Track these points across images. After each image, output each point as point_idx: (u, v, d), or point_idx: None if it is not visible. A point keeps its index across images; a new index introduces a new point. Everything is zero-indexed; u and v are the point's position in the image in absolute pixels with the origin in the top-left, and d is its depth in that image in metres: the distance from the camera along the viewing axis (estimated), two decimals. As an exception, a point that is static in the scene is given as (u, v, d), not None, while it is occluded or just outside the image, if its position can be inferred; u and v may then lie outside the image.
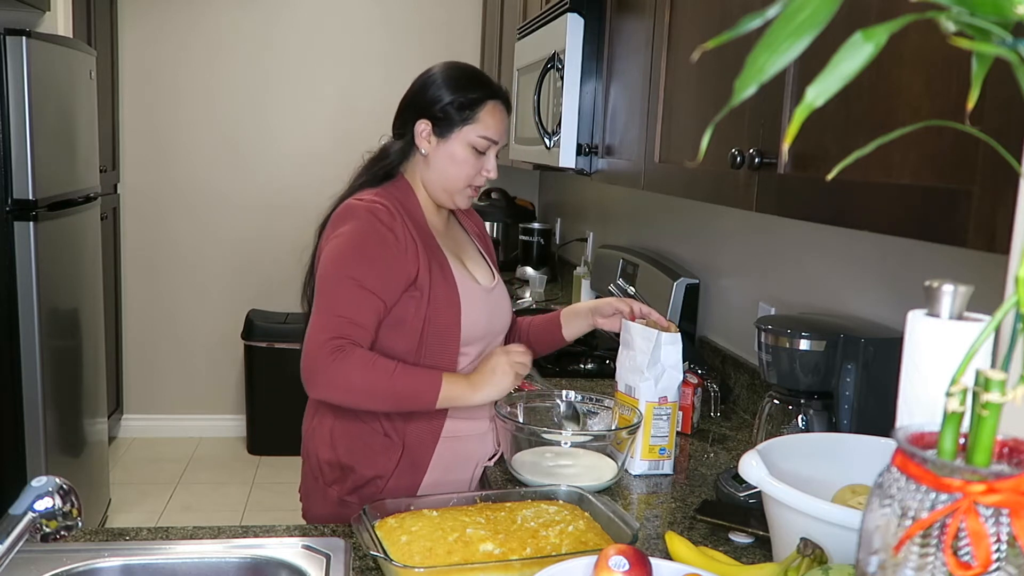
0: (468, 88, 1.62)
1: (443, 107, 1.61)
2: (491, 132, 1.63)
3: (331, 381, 1.48)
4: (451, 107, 1.61)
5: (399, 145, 1.66)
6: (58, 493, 1.02)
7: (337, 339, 1.48)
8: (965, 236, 0.86)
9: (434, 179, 1.65)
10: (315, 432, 1.66)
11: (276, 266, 4.50)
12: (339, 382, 1.47)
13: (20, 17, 3.21)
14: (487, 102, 1.62)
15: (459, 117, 1.61)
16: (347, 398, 1.51)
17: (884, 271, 1.61)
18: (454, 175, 1.63)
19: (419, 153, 1.65)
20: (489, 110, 1.62)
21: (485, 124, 1.62)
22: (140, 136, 4.37)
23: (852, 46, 0.54)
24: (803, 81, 1.12)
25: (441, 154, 1.63)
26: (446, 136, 1.62)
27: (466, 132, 1.61)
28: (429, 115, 1.62)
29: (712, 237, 2.40)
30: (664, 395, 1.61)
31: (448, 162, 1.62)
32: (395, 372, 1.50)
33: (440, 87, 1.62)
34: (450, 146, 1.62)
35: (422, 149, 1.64)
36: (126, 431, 4.52)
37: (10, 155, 2.68)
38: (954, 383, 0.61)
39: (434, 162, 1.63)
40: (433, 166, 1.64)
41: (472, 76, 1.66)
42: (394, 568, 1.12)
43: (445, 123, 1.61)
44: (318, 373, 1.48)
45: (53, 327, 2.87)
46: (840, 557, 0.99)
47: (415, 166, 1.67)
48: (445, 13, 4.47)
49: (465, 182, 1.64)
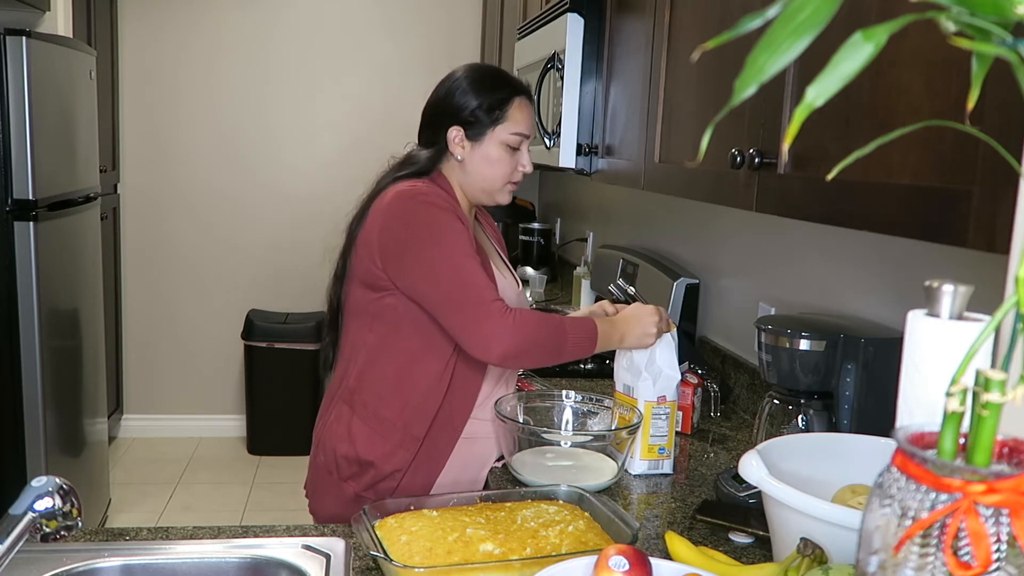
0: (494, 89, 1.63)
1: (473, 111, 1.62)
2: (522, 128, 1.65)
3: (513, 342, 1.48)
4: (480, 110, 1.62)
5: (429, 153, 1.66)
6: (58, 493, 1.02)
7: (493, 302, 1.50)
8: (965, 236, 0.86)
9: (473, 182, 1.66)
10: (332, 427, 1.66)
11: (276, 266, 4.50)
12: (522, 340, 1.49)
13: (20, 17, 3.21)
14: (514, 99, 1.64)
15: (489, 119, 1.62)
16: (529, 356, 1.53)
17: (884, 271, 1.61)
18: (492, 175, 1.65)
19: (453, 159, 1.65)
20: (517, 106, 1.64)
21: (515, 121, 1.64)
22: (140, 136, 4.37)
23: (852, 46, 0.54)
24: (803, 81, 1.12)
25: (477, 157, 1.64)
26: (479, 139, 1.63)
27: (498, 132, 1.63)
28: (460, 121, 1.63)
29: (712, 237, 2.40)
30: (663, 395, 1.61)
31: (485, 164, 1.64)
32: (562, 322, 1.55)
33: (466, 92, 1.63)
34: (484, 148, 1.63)
35: (456, 155, 1.65)
36: (126, 431, 4.52)
37: (10, 155, 2.68)
38: (954, 383, 0.61)
39: (471, 166, 1.65)
40: (470, 170, 1.65)
41: (496, 76, 1.68)
42: (394, 568, 1.12)
43: (477, 126, 1.63)
44: (496, 338, 1.48)
45: (53, 327, 2.87)
46: (840, 557, 0.99)
47: (451, 170, 1.67)
48: (445, 13, 4.47)
49: (504, 180, 1.66)
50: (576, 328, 1.56)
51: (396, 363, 1.61)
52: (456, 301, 1.51)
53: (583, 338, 1.55)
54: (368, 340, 1.63)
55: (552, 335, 1.53)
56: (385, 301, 1.59)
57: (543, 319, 1.53)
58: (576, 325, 1.56)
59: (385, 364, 1.62)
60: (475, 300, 1.50)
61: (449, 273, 1.52)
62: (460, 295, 1.51)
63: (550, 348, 1.53)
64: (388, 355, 1.61)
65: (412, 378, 1.60)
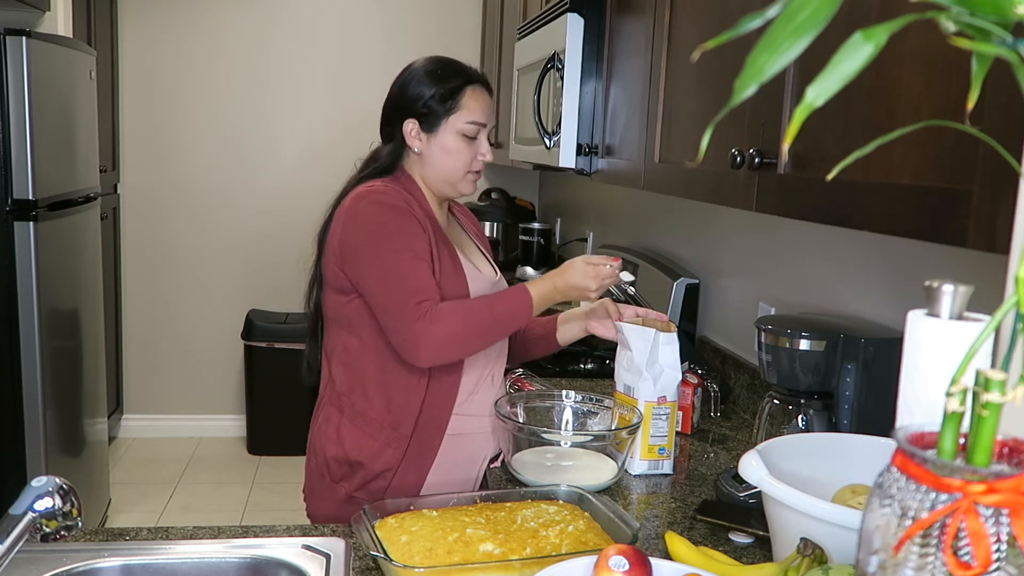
0: (445, 78, 1.63)
1: (426, 102, 1.62)
2: (477, 116, 1.64)
3: (436, 341, 1.49)
4: (433, 101, 1.62)
5: (389, 148, 1.67)
6: (58, 493, 1.02)
7: (418, 304, 1.50)
8: (965, 236, 0.86)
9: (433, 174, 1.66)
10: (322, 430, 1.67)
11: (276, 266, 4.50)
12: (441, 339, 1.49)
13: (20, 17, 3.21)
14: (466, 88, 1.63)
15: (442, 109, 1.62)
16: (457, 349, 1.54)
17: (884, 271, 1.61)
18: (451, 166, 1.64)
19: (412, 152, 1.66)
20: (470, 95, 1.63)
21: (469, 110, 1.63)
22: (140, 136, 4.37)
23: (852, 46, 0.54)
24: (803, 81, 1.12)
25: (434, 148, 1.64)
26: (434, 130, 1.63)
27: (452, 122, 1.62)
28: (413, 113, 1.63)
29: (712, 237, 2.40)
30: (663, 395, 1.61)
31: (442, 155, 1.64)
32: (487, 303, 1.55)
33: (419, 83, 1.63)
34: (440, 139, 1.63)
35: (414, 148, 1.65)
36: (126, 431, 4.52)
37: (10, 155, 2.68)
38: (954, 383, 0.61)
39: (429, 158, 1.65)
40: (429, 162, 1.65)
41: (446, 65, 1.66)
42: (394, 568, 1.12)
43: (431, 118, 1.63)
44: (420, 341, 1.49)
45: (53, 327, 2.87)
46: (840, 557, 0.99)
47: (412, 164, 1.68)
48: (445, 13, 4.47)
49: (463, 170, 1.65)
50: (505, 301, 1.56)
51: (376, 363, 1.61)
52: (386, 306, 1.53)
53: (515, 305, 1.56)
54: (348, 343, 1.64)
55: (479, 320, 1.53)
56: (355, 304, 1.60)
57: (464, 308, 1.53)
58: (504, 296, 1.57)
59: (367, 365, 1.62)
60: (398, 305, 1.51)
61: (385, 275, 1.53)
62: (389, 300, 1.52)
63: (479, 332, 1.54)
64: (369, 356, 1.62)
65: (392, 377, 1.61)
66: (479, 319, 1.53)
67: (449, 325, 1.50)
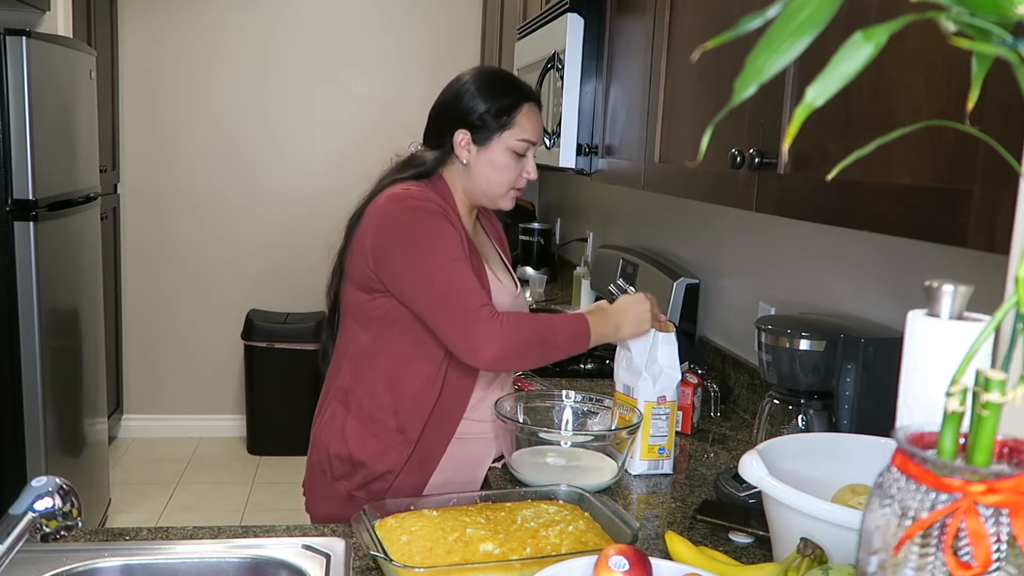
0: (503, 94, 1.63)
1: (480, 115, 1.62)
2: (529, 134, 1.64)
3: (503, 346, 1.49)
4: (488, 115, 1.61)
5: (435, 154, 1.66)
6: (58, 493, 1.02)
7: (481, 306, 1.50)
8: (965, 236, 0.86)
9: (477, 186, 1.66)
10: (326, 425, 1.67)
11: (276, 266, 4.50)
12: (511, 344, 1.49)
13: (20, 17, 3.21)
14: (523, 105, 1.63)
15: (497, 124, 1.62)
16: (519, 359, 1.54)
17: (884, 271, 1.61)
18: (497, 180, 1.64)
19: (459, 162, 1.65)
20: (525, 113, 1.64)
21: (523, 127, 1.63)
22: (140, 136, 4.37)
23: (852, 46, 0.54)
24: (803, 81, 1.12)
25: (482, 162, 1.64)
26: (486, 144, 1.63)
27: (505, 138, 1.62)
28: (467, 124, 1.63)
29: (712, 237, 2.40)
30: (663, 395, 1.61)
31: (490, 169, 1.64)
32: (551, 321, 1.55)
33: (474, 96, 1.62)
34: (491, 153, 1.63)
35: (462, 159, 1.64)
36: (126, 431, 4.52)
37: (10, 155, 2.68)
38: (954, 383, 0.61)
39: (476, 170, 1.64)
40: (475, 174, 1.65)
41: (505, 81, 1.67)
42: (394, 568, 1.12)
43: (484, 131, 1.62)
44: (486, 343, 1.48)
45: (53, 327, 2.87)
46: (840, 557, 0.99)
47: (453, 173, 1.67)
48: (445, 13, 4.47)
49: (508, 186, 1.66)
50: (566, 326, 1.56)
51: (389, 364, 1.61)
52: (444, 307, 1.51)
53: (574, 335, 1.56)
54: (362, 340, 1.64)
55: (541, 336, 1.53)
56: (378, 302, 1.60)
57: (531, 321, 1.54)
58: (566, 322, 1.57)
59: (379, 365, 1.62)
60: (462, 306, 1.50)
61: (437, 278, 1.52)
62: (447, 301, 1.51)
63: (540, 349, 1.54)
64: (382, 356, 1.62)
65: (405, 379, 1.60)
66: (543, 336, 1.53)
67: (517, 332, 1.49)
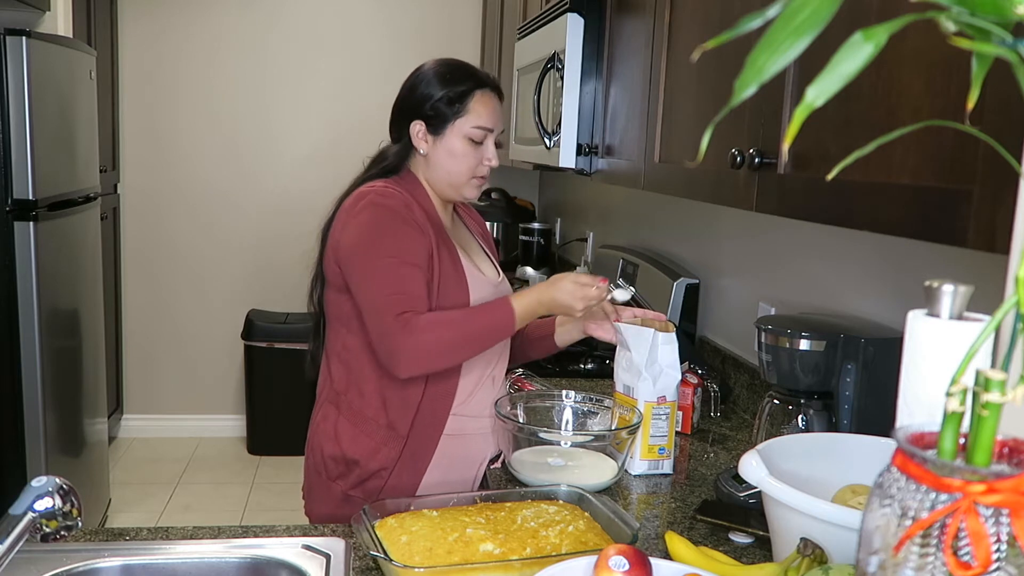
0: (455, 82, 1.63)
1: (433, 104, 1.62)
2: (484, 121, 1.64)
3: (413, 354, 1.50)
4: (441, 103, 1.62)
5: (397, 148, 1.68)
6: (58, 493, 1.02)
7: (400, 315, 1.50)
8: (965, 236, 0.86)
9: (438, 176, 1.66)
10: (320, 428, 1.68)
11: (276, 266, 4.50)
12: (420, 351, 1.50)
13: (20, 17, 3.21)
14: (475, 92, 1.63)
15: (450, 112, 1.62)
16: (436, 362, 1.54)
17: (884, 271, 1.61)
18: (456, 169, 1.64)
19: (419, 153, 1.66)
20: (479, 99, 1.63)
21: (477, 114, 1.63)
22: (140, 136, 4.37)
23: (852, 46, 0.54)
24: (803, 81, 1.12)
25: (440, 151, 1.64)
26: (441, 132, 1.63)
27: (459, 125, 1.62)
28: (421, 115, 1.63)
29: (712, 237, 2.40)
30: (662, 395, 1.61)
31: (448, 158, 1.64)
32: (467, 317, 1.54)
33: (428, 85, 1.63)
34: (447, 142, 1.63)
35: (420, 149, 1.65)
36: (126, 431, 4.52)
37: (10, 155, 2.68)
38: (954, 383, 0.61)
39: (434, 160, 1.65)
40: (434, 164, 1.65)
41: (457, 69, 1.66)
42: (394, 568, 1.12)
43: (438, 120, 1.63)
44: (398, 353, 1.50)
45: (53, 327, 2.87)
46: (840, 557, 0.99)
47: (418, 165, 1.68)
48: (445, 13, 4.47)
49: (468, 174, 1.65)
50: (488, 314, 1.56)
51: (374, 362, 1.61)
52: (371, 312, 1.54)
53: (498, 320, 1.55)
54: (348, 341, 1.64)
55: (461, 333, 1.53)
56: (353, 302, 1.61)
57: (446, 321, 1.53)
58: (488, 311, 1.56)
59: (365, 363, 1.62)
60: (381, 313, 1.51)
61: (371, 281, 1.53)
62: (372, 306, 1.53)
63: (458, 345, 1.54)
64: (366, 355, 1.62)
65: (390, 377, 1.60)
66: (458, 332, 1.53)
67: (427, 338, 1.50)
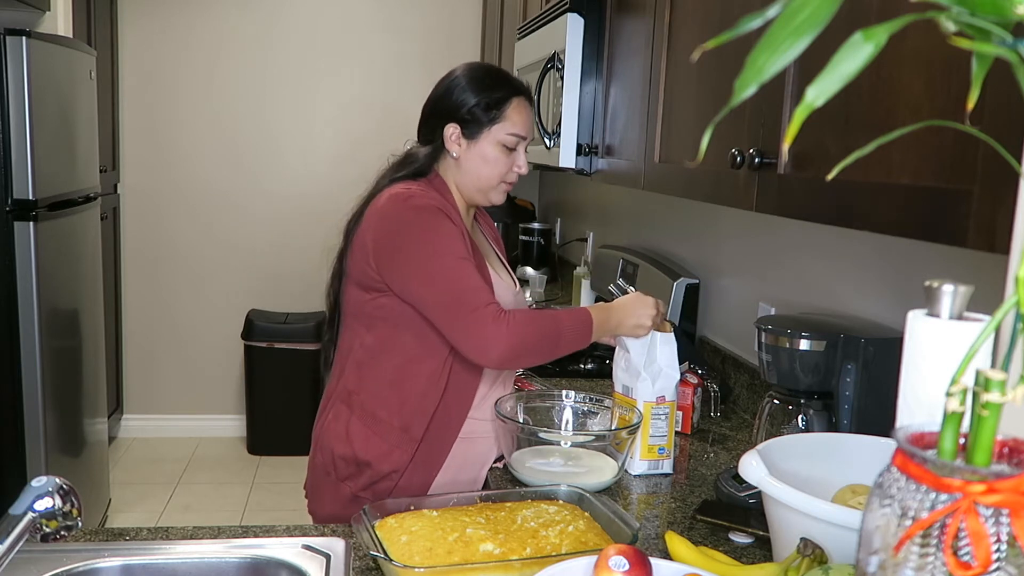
0: (492, 88, 1.63)
1: (470, 109, 1.62)
2: (519, 129, 1.64)
3: (511, 344, 1.49)
4: (478, 108, 1.62)
5: (427, 150, 1.67)
6: (58, 493, 1.02)
7: (486, 305, 1.50)
8: (965, 236, 0.86)
9: (468, 180, 1.66)
10: (330, 427, 1.67)
11: (276, 266, 4.50)
12: (519, 342, 1.50)
13: (20, 17, 3.21)
14: (512, 99, 1.64)
15: (486, 118, 1.62)
16: (528, 354, 1.55)
17: (884, 271, 1.61)
18: (487, 175, 1.65)
19: (450, 156, 1.66)
20: (515, 107, 1.64)
21: (513, 121, 1.64)
22: (140, 136, 4.37)
23: (852, 46, 0.54)
24: (803, 81, 1.12)
25: (472, 155, 1.64)
26: (476, 137, 1.63)
27: (495, 132, 1.63)
28: (457, 119, 1.63)
29: (712, 237, 2.40)
30: (662, 395, 1.61)
31: (480, 163, 1.64)
32: (557, 317, 1.56)
33: (464, 90, 1.63)
34: (480, 147, 1.63)
35: (452, 152, 1.65)
36: (126, 431, 4.52)
37: (10, 155, 2.68)
38: (954, 383, 0.61)
39: (466, 164, 1.65)
40: (465, 168, 1.65)
41: (495, 75, 1.67)
42: (394, 568, 1.12)
43: (473, 125, 1.63)
44: (497, 342, 1.49)
45: (53, 327, 2.87)
46: (840, 557, 0.99)
47: (447, 169, 1.68)
48: (445, 13, 4.47)
49: (498, 180, 1.66)
50: (571, 320, 1.57)
51: (393, 363, 1.61)
52: (450, 306, 1.51)
53: (578, 329, 1.57)
54: (366, 340, 1.64)
55: (548, 332, 1.54)
56: (380, 302, 1.60)
57: (537, 317, 1.54)
58: (571, 317, 1.58)
59: (382, 364, 1.62)
60: (469, 305, 1.50)
61: (442, 277, 1.52)
62: (453, 300, 1.51)
63: (547, 345, 1.55)
64: (385, 355, 1.62)
65: (409, 378, 1.60)
66: (550, 332, 1.54)
67: (524, 330, 1.50)
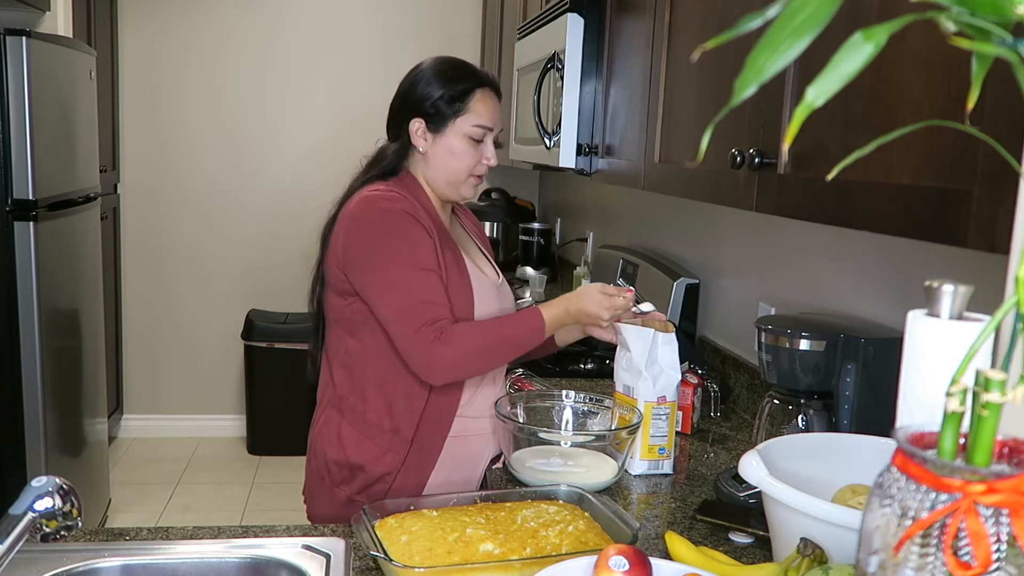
0: (455, 80, 1.63)
1: (433, 103, 1.62)
2: (484, 120, 1.63)
3: (450, 363, 1.51)
4: (441, 101, 1.61)
5: (395, 146, 1.67)
6: (58, 493, 1.02)
7: (430, 324, 1.50)
8: (965, 236, 0.86)
9: (436, 175, 1.66)
10: (322, 432, 1.67)
11: (276, 266, 4.50)
12: (456, 360, 1.51)
13: (20, 17, 3.21)
14: (475, 91, 1.63)
15: (450, 110, 1.62)
16: (471, 370, 1.57)
17: (884, 271, 1.61)
18: (455, 168, 1.64)
19: (417, 152, 1.65)
20: (479, 98, 1.63)
21: (477, 113, 1.63)
22: (140, 136, 4.38)
23: (852, 46, 0.54)
24: (803, 81, 1.12)
25: (439, 149, 1.64)
26: (441, 131, 1.63)
27: (459, 124, 1.62)
28: (421, 113, 1.63)
29: (712, 237, 2.40)
30: (662, 395, 1.61)
31: (447, 156, 1.63)
32: (499, 326, 1.56)
33: (428, 83, 1.63)
34: (446, 140, 1.63)
35: (419, 147, 1.65)
36: (126, 431, 4.52)
37: (10, 155, 2.68)
38: (954, 383, 0.61)
39: (433, 158, 1.64)
40: (433, 162, 1.65)
41: (457, 67, 1.66)
42: (394, 568, 1.12)
43: (438, 118, 1.62)
44: (435, 362, 1.51)
45: (53, 327, 2.87)
46: (840, 557, 0.99)
47: (416, 164, 1.68)
48: (445, 13, 4.47)
49: (466, 173, 1.65)
50: (517, 324, 1.57)
51: (377, 366, 1.61)
52: (396, 320, 1.53)
53: (528, 331, 1.57)
54: (350, 345, 1.64)
55: (491, 343, 1.54)
56: (355, 307, 1.60)
57: (480, 330, 1.54)
58: (518, 321, 1.58)
59: (367, 368, 1.62)
60: (412, 324, 1.51)
61: (395, 287, 1.53)
62: (400, 315, 1.52)
63: (492, 355, 1.56)
64: (369, 358, 1.62)
65: (393, 380, 1.60)
66: (492, 341, 1.54)
67: (463, 347, 1.51)
